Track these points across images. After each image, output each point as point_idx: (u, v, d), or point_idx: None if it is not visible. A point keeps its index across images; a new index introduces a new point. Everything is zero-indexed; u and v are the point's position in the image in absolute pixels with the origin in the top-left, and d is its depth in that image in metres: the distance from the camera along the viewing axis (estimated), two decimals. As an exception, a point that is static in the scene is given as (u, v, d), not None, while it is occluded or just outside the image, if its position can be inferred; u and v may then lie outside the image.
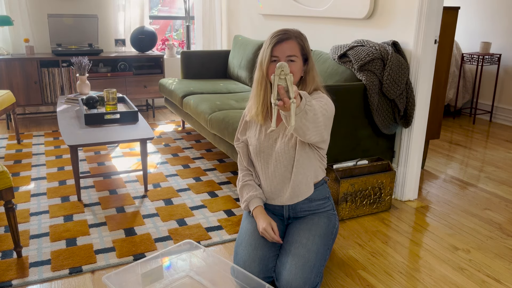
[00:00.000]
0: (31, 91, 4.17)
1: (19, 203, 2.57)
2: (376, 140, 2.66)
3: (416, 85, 2.54)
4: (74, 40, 4.46)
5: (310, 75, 1.72)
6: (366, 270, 1.99)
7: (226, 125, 2.78)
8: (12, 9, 4.22)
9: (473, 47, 4.87)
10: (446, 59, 2.95)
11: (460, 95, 4.78)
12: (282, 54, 1.64)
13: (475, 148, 3.78)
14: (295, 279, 1.58)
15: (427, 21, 2.43)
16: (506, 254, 2.14)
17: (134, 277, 1.69)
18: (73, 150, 2.50)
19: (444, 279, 1.93)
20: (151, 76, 4.58)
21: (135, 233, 2.26)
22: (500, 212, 2.59)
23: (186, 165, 3.25)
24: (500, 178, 3.12)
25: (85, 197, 2.67)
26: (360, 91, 2.48)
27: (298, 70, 1.68)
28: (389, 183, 2.51)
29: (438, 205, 2.66)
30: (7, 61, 4.02)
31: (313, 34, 3.48)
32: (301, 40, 1.68)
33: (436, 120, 3.08)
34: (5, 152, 3.46)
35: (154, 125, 4.37)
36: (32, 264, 1.97)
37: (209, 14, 5.01)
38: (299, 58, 1.66)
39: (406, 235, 2.30)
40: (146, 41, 4.59)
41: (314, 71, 1.73)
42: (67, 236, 2.22)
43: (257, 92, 1.73)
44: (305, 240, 1.69)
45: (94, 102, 3.09)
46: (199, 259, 1.87)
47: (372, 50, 2.52)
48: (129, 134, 2.67)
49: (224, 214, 2.49)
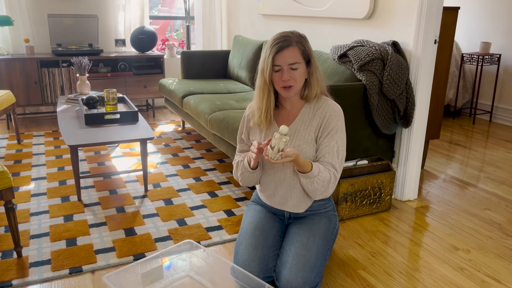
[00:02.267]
0: (31, 91, 4.17)
1: (19, 203, 2.57)
2: (376, 140, 2.66)
3: (416, 85, 2.54)
4: (74, 40, 4.46)
5: (314, 77, 1.70)
6: (366, 270, 1.99)
7: (226, 125, 2.78)
8: (12, 9, 4.22)
9: (473, 47, 4.87)
10: (446, 59, 2.95)
11: (460, 95, 4.79)
12: (284, 63, 1.62)
13: (475, 148, 3.78)
14: (295, 279, 1.58)
15: (427, 21, 2.43)
16: (506, 254, 2.14)
17: (134, 277, 1.69)
18: (73, 150, 2.50)
19: (444, 279, 1.93)
20: (151, 76, 4.58)
21: (135, 233, 2.26)
22: (500, 212, 2.59)
23: (186, 165, 3.25)
24: (500, 178, 3.12)
25: (85, 197, 2.67)
26: (360, 91, 2.48)
27: (301, 76, 1.66)
28: (389, 183, 2.51)
29: (438, 205, 2.66)
30: (7, 61, 4.02)
31: (313, 34, 3.48)
32: (301, 44, 1.65)
33: (436, 120, 3.08)
34: (5, 152, 3.46)
35: (154, 125, 4.37)
36: (32, 264, 1.98)
37: (209, 14, 5.01)
38: (301, 63, 1.64)
39: (406, 235, 2.30)
40: (146, 41, 4.59)
41: (317, 72, 1.71)
42: (67, 236, 2.22)
43: (260, 99, 1.72)
44: (306, 240, 1.69)
45: (94, 102, 3.09)
46: (199, 259, 1.87)
47: (372, 50, 2.52)
48: (129, 134, 2.67)
49: (224, 214, 2.49)
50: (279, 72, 1.64)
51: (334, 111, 1.72)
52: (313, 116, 1.73)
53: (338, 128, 1.71)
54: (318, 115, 1.72)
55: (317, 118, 1.72)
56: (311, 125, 1.72)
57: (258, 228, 1.77)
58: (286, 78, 1.62)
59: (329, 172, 1.66)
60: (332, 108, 1.72)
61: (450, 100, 4.76)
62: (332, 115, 1.71)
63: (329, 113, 1.71)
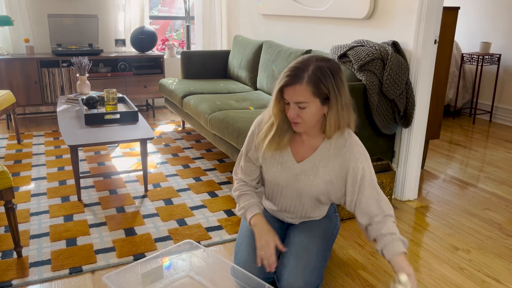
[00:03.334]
0: (31, 91, 4.17)
1: (19, 203, 2.57)
2: (376, 140, 2.66)
3: (416, 85, 2.54)
4: (74, 40, 4.46)
5: (333, 114, 1.47)
6: (366, 270, 1.99)
7: (226, 125, 2.78)
8: (12, 9, 4.22)
9: (473, 47, 4.87)
10: (446, 59, 2.95)
11: (460, 95, 4.79)
12: (290, 99, 1.46)
13: (475, 148, 3.78)
14: (296, 281, 1.58)
15: (427, 21, 2.43)
16: (506, 254, 2.14)
17: (134, 277, 1.69)
18: (73, 150, 2.50)
19: (444, 279, 1.93)
20: (151, 76, 4.58)
21: (135, 233, 2.26)
22: (500, 212, 2.59)
23: (186, 165, 3.25)
24: (500, 178, 3.12)
25: (85, 197, 2.67)
26: (360, 91, 2.48)
27: (312, 115, 1.47)
28: (389, 183, 2.51)
29: (438, 205, 2.66)
30: (7, 61, 4.02)
31: (313, 34, 3.48)
32: (314, 83, 1.42)
33: (436, 120, 3.08)
34: (5, 152, 3.46)
35: (154, 125, 4.37)
36: (32, 264, 1.98)
37: (209, 14, 5.01)
38: (311, 102, 1.44)
39: (406, 235, 2.30)
40: (146, 41, 4.59)
41: (339, 111, 1.47)
42: (67, 236, 2.22)
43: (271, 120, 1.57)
44: (306, 241, 1.69)
45: (94, 102, 3.09)
46: (199, 259, 1.87)
47: (372, 50, 2.52)
48: (129, 134, 2.67)
49: (224, 214, 2.49)
50: (288, 105, 1.48)
51: (360, 155, 1.56)
52: (334, 156, 1.58)
53: (365, 171, 1.56)
54: (340, 156, 1.57)
55: (339, 159, 1.57)
56: (331, 164, 1.58)
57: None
58: (291, 116, 1.47)
59: (393, 222, 1.55)
60: (357, 150, 1.56)
61: (450, 100, 4.76)
62: (357, 160, 1.55)
63: (354, 159, 1.55)
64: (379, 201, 1.56)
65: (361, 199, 1.57)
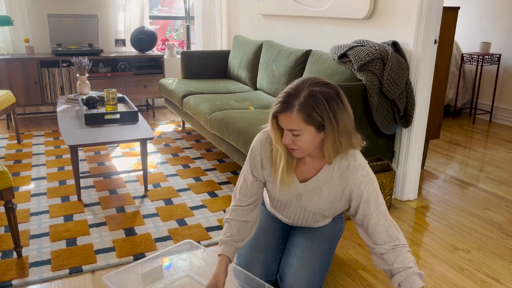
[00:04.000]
0: (31, 91, 4.17)
1: (19, 203, 2.57)
2: (376, 140, 2.66)
3: (416, 85, 2.54)
4: (74, 40, 4.46)
5: (330, 141, 1.39)
6: (366, 270, 1.99)
7: (226, 125, 2.78)
8: (12, 9, 4.22)
9: (473, 47, 4.87)
10: (446, 59, 2.95)
11: (460, 95, 4.79)
12: (283, 126, 1.39)
13: (475, 148, 3.78)
14: (299, 283, 1.58)
15: (427, 21, 2.43)
16: (506, 254, 2.14)
17: (134, 277, 1.69)
18: (73, 150, 2.50)
19: (444, 279, 1.93)
20: (151, 76, 4.58)
21: (135, 233, 2.26)
22: (500, 212, 2.59)
23: (186, 165, 3.25)
24: (500, 178, 3.12)
25: (85, 197, 2.67)
26: (360, 91, 2.48)
27: (308, 142, 1.39)
28: (389, 183, 2.51)
29: (438, 205, 2.66)
30: (7, 61, 4.02)
31: (313, 34, 3.48)
32: (305, 111, 1.33)
33: (436, 120, 3.08)
34: (5, 152, 3.46)
35: (154, 125, 4.37)
36: (32, 264, 1.98)
37: (209, 14, 5.01)
38: (305, 130, 1.36)
39: (406, 235, 2.30)
40: (146, 41, 4.59)
41: (336, 139, 1.39)
42: (67, 236, 2.22)
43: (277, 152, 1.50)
44: (311, 244, 1.68)
45: (94, 102, 3.09)
46: (199, 259, 1.87)
47: (372, 50, 2.52)
48: (129, 134, 2.67)
49: (224, 214, 2.49)
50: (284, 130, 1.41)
51: (364, 178, 1.49)
52: (338, 178, 1.52)
53: (370, 195, 1.49)
54: (344, 179, 1.51)
55: (342, 182, 1.52)
56: (334, 186, 1.53)
57: (261, 230, 1.75)
58: (286, 142, 1.41)
59: (408, 251, 1.49)
60: (361, 173, 1.49)
61: (450, 100, 4.76)
62: (361, 184, 1.49)
63: (357, 182, 1.49)
64: (387, 227, 1.48)
65: (368, 224, 1.50)
